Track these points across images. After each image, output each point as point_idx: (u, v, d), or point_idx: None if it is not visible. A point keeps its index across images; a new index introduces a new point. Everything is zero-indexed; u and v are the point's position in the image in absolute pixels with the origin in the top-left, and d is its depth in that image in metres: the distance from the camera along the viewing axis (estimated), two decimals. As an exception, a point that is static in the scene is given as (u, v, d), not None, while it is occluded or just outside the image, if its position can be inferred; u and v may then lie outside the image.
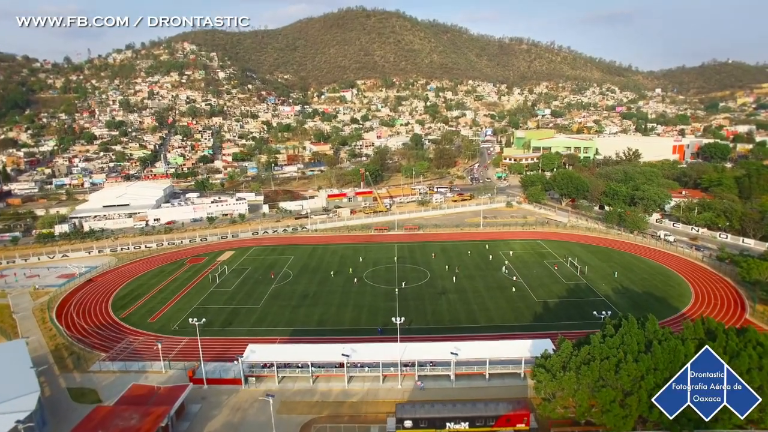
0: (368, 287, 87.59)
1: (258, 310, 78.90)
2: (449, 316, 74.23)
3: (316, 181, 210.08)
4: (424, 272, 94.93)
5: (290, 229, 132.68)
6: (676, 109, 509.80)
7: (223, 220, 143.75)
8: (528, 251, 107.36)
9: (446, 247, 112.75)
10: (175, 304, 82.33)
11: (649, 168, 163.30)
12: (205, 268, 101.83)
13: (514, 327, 69.97)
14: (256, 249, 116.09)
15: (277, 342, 67.40)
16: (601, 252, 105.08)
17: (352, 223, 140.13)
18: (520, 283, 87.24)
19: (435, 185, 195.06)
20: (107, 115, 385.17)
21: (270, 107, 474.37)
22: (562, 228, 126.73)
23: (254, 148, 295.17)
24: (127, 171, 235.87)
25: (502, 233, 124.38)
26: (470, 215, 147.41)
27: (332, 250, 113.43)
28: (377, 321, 73.21)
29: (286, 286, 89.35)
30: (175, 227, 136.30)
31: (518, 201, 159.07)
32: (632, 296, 79.55)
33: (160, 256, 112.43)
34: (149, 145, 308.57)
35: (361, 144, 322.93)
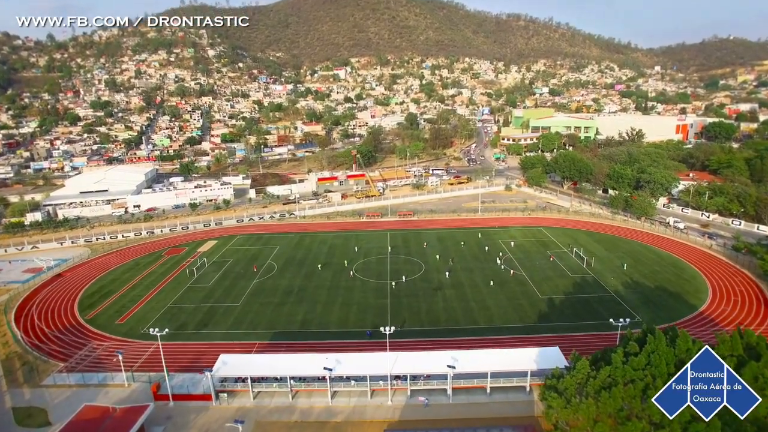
0: (358, 282, 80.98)
1: (237, 309, 72.24)
2: (445, 316, 67.82)
3: (307, 164, 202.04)
4: (418, 264, 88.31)
5: (277, 216, 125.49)
6: (675, 87, 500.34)
7: (207, 206, 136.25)
8: (529, 239, 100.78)
9: (442, 236, 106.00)
10: (147, 302, 75.51)
11: (654, 149, 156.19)
12: (184, 260, 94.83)
13: (517, 329, 63.68)
14: (240, 238, 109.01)
15: (254, 349, 60.89)
16: (607, 240, 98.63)
17: (342, 209, 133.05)
18: (521, 276, 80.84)
19: (430, 167, 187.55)
20: (92, 95, 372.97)
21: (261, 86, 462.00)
22: (565, 213, 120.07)
23: (244, 129, 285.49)
24: (111, 154, 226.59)
25: (502, 219, 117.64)
26: (468, 199, 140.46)
27: (321, 239, 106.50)
28: (367, 322, 66.73)
29: (270, 281, 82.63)
30: (156, 215, 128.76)
31: (518, 184, 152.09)
32: (644, 292, 73.29)
33: (137, 246, 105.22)
34: (135, 127, 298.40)
35: (355, 124, 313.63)
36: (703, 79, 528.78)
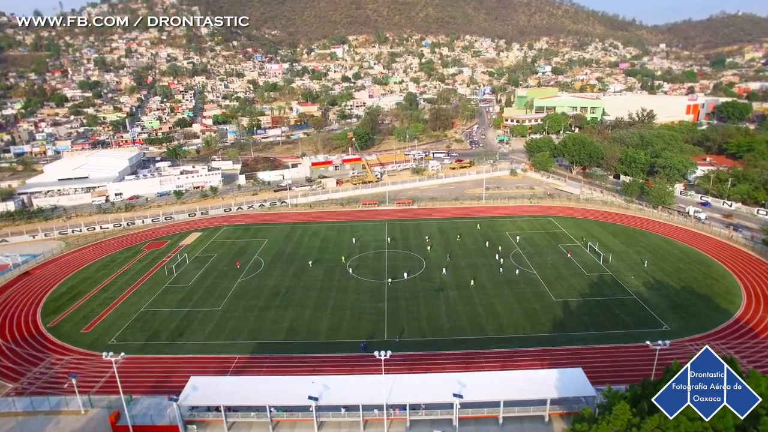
0: (352, 281, 73.58)
1: (218, 314, 64.94)
2: (449, 323, 60.57)
3: (301, 146, 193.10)
4: (418, 260, 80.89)
5: (268, 204, 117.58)
6: (681, 65, 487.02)
7: (194, 193, 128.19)
8: (538, 231, 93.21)
9: (444, 227, 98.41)
10: (119, 306, 68.17)
11: (668, 131, 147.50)
12: (164, 255, 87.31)
13: (530, 339, 56.50)
14: (226, 230, 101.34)
15: (233, 365, 53.77)
16: (623, 232, 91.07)
17: (337, 196, 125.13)
18: (531, 275, 73.48)
19: (431, 150, 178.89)
20: (81, 75, 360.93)
21: (256, 65, 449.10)
22: (575, 201, 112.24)
23: (237, 110, 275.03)
24: (98, 137, 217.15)
25: (507, 208, 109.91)
26: (470, 185, 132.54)
27: (313, 230, 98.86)
28: (361, 331, 59.56)
29: (255, 280, 75.25)
30: (139, 203, 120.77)
31: (523, 169, 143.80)
32: (669, 294, 65.97)
33: (115, 239, 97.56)
34: (125, 108, 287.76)
35: (352, 104, 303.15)
36: (709, 57, 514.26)
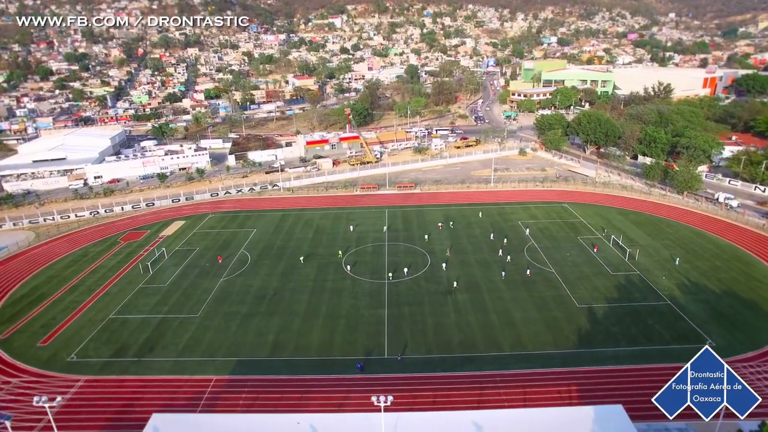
0: (348, 282, 65.58)
1: (195, 323, 57.12)
2: (459, 336, 52.73)
3: (296, 123, 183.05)
4: (422, 255, 72.75)
5: (258, 188, 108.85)
6: (691, 35, 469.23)
7: (180, 176, 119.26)
8: (554, 221, 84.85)
9: (450, 214, 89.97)
10: (85, 312, 60.33)
11: (688, 107, 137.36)
12: (141, 249, 79.20)
13: (554, 358, 48.74)
14: (212, 218, 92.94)
15: (209, 388, 46.15)
16: (647, 222, 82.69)
17: (334, 179, 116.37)
18: (550, 274, 65.46)
19: (434, 126, 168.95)
20: (68, 47, 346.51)
21: (252, 36, 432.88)
22: (591, 185, 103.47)
23: (231, 84, 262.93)
24: (83, 112, 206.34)
25: (518, 193, 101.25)
26: (477, 166, 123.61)
27: (306, 219, 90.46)
28: (357, 345, 51.82)
29: (240, 280, 67.24)
30: (119, 187, 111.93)
31: (533, 148, 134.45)
32: (708, 299, 58.00)
33: (90, 229, 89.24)
34: (113, 82, 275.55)
35: (350, 77, 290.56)
36: (721, 27, 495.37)
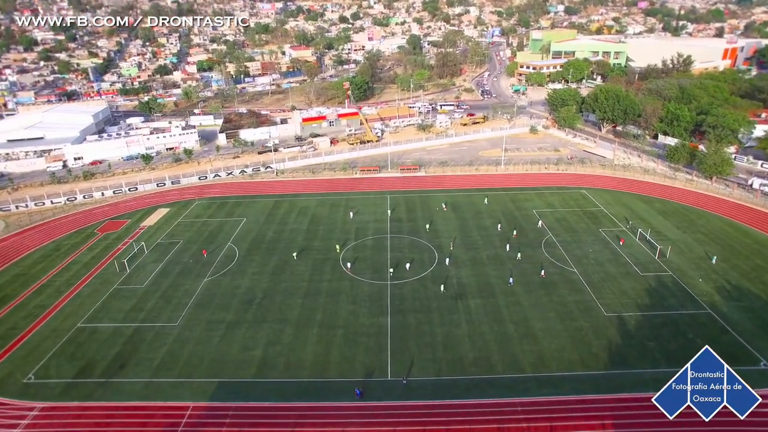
0: (346, 283, 58.74)
1: (173, 333, 50.50)
2: (473, 352, 46.11)
3: (292, 97, 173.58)
4: (428, 251, 65.74)
5: (250, 170, 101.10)
6: (705, 2, 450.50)
7: (167, 156, 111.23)
8: (572, 209, 77.56)
9: (458, 200, 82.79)
10: (50, 319, 53.67)
11: (711, 81, 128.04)
12: (119, 242, 72.17)
13: (583, 381, 42.17)
14: (199, 204, 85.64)
15: (184, 421, 39.78)
16: (674, 212, 75.38)
17: (331, 159, 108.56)
18: (572, 274, 58.59)
19: (439, 101, 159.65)
20: (54, 15, 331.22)
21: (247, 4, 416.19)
22: (610, 168, 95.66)
23: (224, 55, 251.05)
24: (68, 86, 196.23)
25: (531, 176, 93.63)
26: (485, 145, 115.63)
27: (301, 206, 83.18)
28: (356, 363, 45.27)
29: (225, 280, 60.38)
30: (101, 170, 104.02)
31: (545, 125, 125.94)
32: (754, 307, 51.16)
33: (65, 218, 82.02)
34: (101, 53, 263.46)
35: (350, 48, 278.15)
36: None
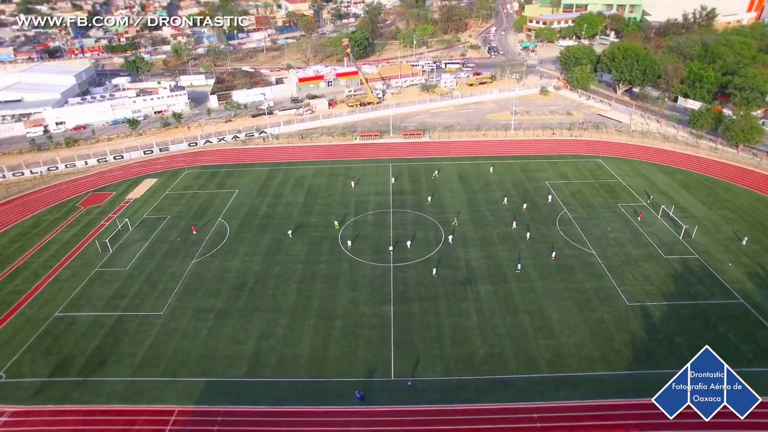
0: (345, 265, 54.40)
1: (157, 324, 46.56)
2: (484, 347, 42.20)
3: (288, 55, 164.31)
4: (434, 228, 61.08)
5: (243, 136, 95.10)
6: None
7: (155, 120, 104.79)
8: (588, 181, 72.35)
9: (465, 170, 77.56)
10: (25, 308, 49.57)
11: (737, 36, 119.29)
12: (103, 217, 67.49)
13: (606, 383, 38.42)
14: (188, 174, 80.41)
15: (168, 427, 36.29)
16: (698, 185, 70.18)
17: (329, 123, 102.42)
18: (589, 256, 54.13)
19: (443, 59, 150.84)
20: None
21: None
22: (627, 135, 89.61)
23: (217, 8, 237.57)
24: (51, 42, 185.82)
25: (543, 143, 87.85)
26: (493, 107, 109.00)
27: (297, 176, 77.99)
28: (356, 359, 41.47)
29: (215, 261, 56.01)
30: (85, 136, 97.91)
31: (556, 86, 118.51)
32: (792, 296, 46.99)
33: (46, 191, 76.95)
34: (86, 5, 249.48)
35: (349, 1, 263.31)
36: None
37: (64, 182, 79.08)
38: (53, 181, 79.47)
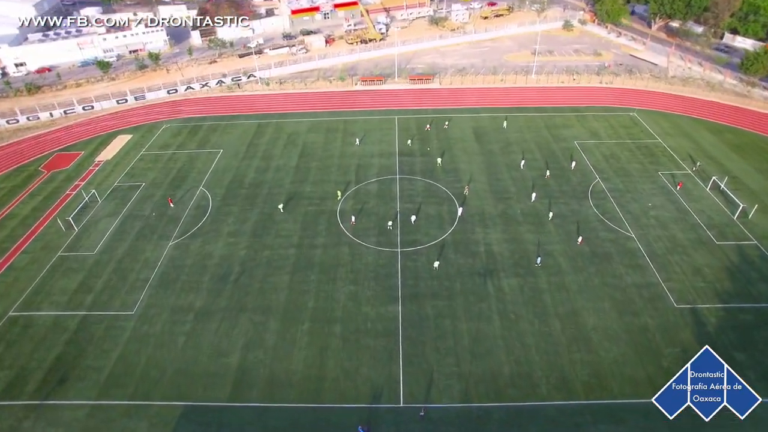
0: (344, 249, 47.05)
1: (128, 327, 40.04)
2: (509, 365, 35.84)
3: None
4: (448, 201, 53.05)
5: (229, 80, 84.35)
6: None
7: (129, 62, 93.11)
8: (622, 140, 63.27)
9: (481, 126, 68.31)
10: (-24, 301, 43.02)
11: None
12: (70, 183, 59.36)
13: (652, 416, 31.58)
14: (167, 129, 71.12)
15: (135, 473, 30.65)
16: (753, 147, 61.18)
17: (326, 64, 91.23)
18: (629, 241, 46.57)
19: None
20: None
21: None
22: (664, 81, 78.77)
23: None
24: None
25: (568, 91, 77.50)
26: (511, 46, 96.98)
27: (289, 131, 68.85)
28: (359, 377, 35.28)
29: (195, 244, 48.59)
30: (49, 81, 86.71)
31: (581, 20, 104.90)
32: None
33: (4, 149, 67.93)
34: None
35: None
36: None
37: (25, 138, 69.96)
38: (12, 137, 70.27)
